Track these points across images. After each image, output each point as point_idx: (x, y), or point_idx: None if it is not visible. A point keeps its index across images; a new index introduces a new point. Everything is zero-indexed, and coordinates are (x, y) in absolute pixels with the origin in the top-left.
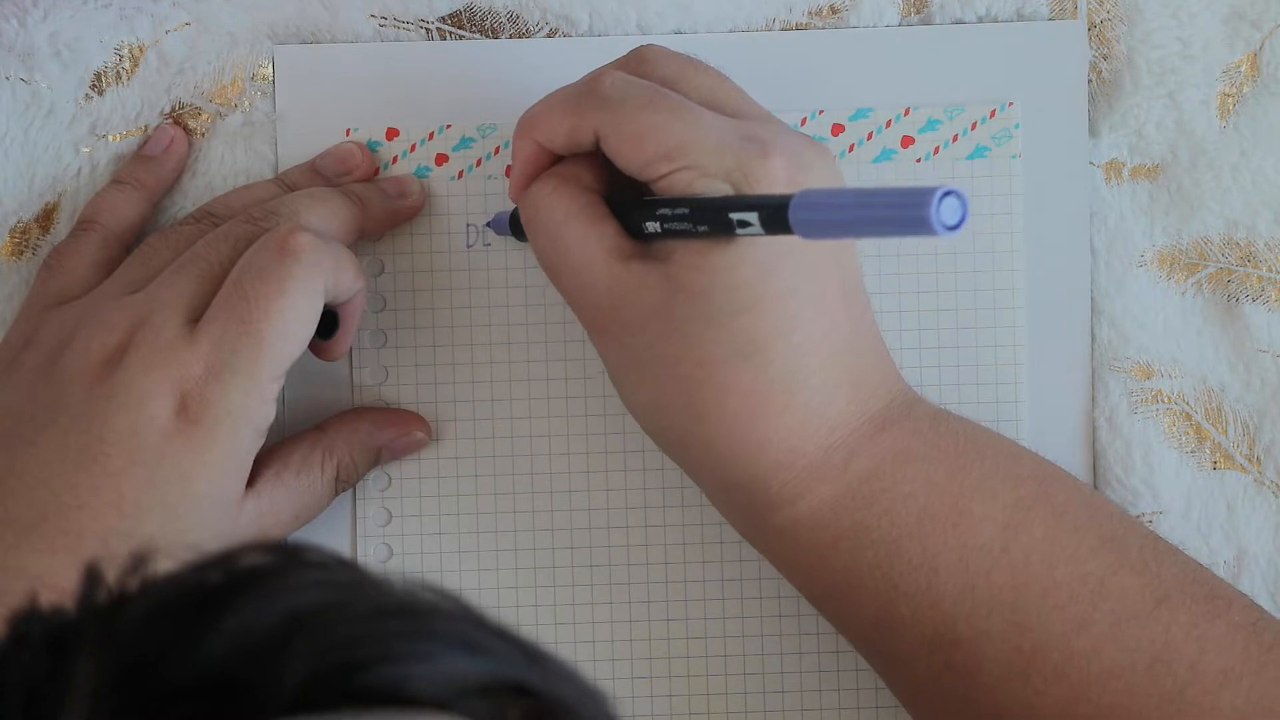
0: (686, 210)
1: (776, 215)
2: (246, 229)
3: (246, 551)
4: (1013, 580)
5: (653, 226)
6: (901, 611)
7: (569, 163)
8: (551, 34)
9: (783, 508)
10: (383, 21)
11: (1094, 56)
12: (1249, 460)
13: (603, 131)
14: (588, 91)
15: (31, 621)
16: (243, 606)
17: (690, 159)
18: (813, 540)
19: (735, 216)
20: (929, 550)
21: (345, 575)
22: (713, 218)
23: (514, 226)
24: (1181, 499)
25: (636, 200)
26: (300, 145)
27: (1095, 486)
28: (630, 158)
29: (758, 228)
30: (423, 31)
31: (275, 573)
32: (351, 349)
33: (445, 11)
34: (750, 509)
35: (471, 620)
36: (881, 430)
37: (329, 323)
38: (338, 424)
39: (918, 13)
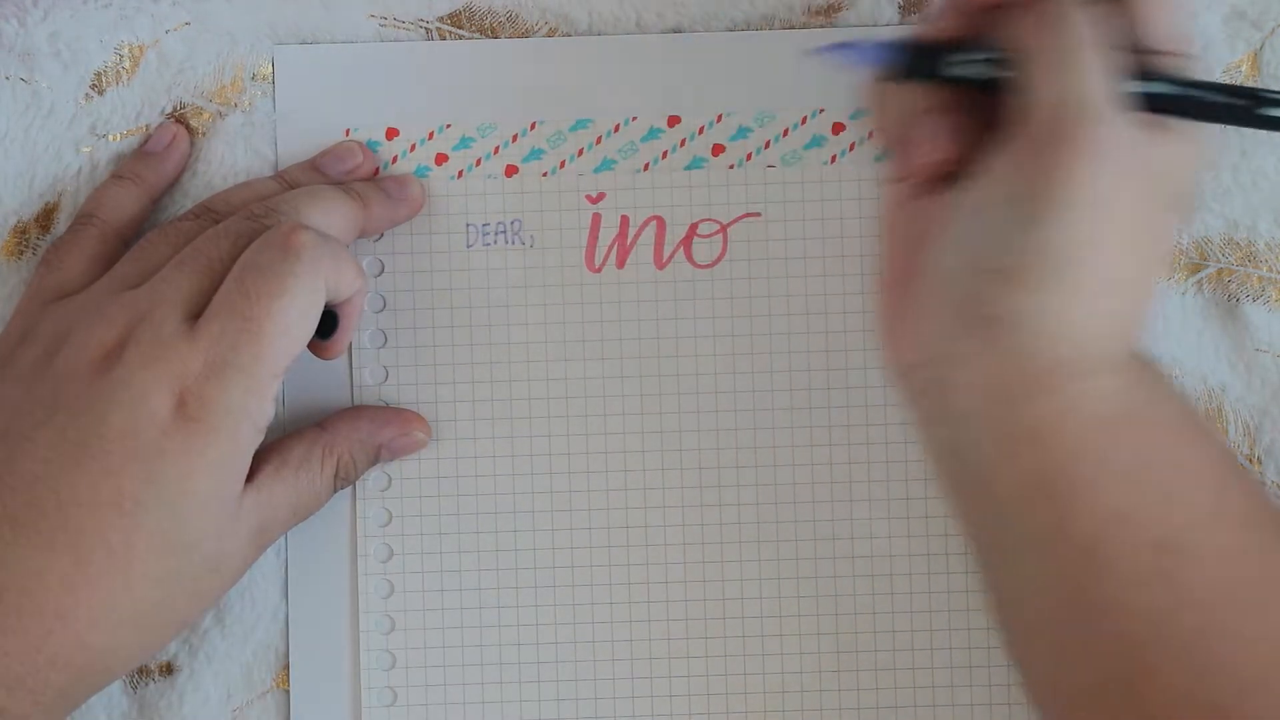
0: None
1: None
2: (247, 226)
3: None
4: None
5: (1167, 91)
6: (1130, 507)
7: None
8: (551, 33)
9: (1069, 384)
10: (382, 21)
11: None
12: (1249, 460)
13: None
14: None
15: None
16: None
17: None
18: (1085, 422)
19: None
20: (1182, 458)
21: None
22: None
23: (915, 62)
24: None
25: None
26: (300, 145)
27: None
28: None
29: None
30: (422, 31)
31: None
32: (351, 349)
33: (445, 11)
34: (1008, 399)
35: None
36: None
37: (328, 322)
38: (338, 421)
39: (917, 11)
